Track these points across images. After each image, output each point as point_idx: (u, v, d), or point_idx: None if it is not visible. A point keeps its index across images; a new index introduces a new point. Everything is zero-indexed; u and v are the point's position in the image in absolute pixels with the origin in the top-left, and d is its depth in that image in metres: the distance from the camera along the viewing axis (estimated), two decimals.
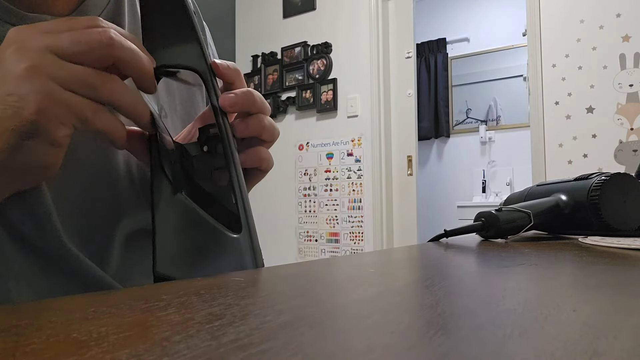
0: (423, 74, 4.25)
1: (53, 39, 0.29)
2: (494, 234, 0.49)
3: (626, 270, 0.29)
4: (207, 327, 0.16)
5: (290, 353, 0.13)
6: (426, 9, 4.26)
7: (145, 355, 0.13)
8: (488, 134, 3.98)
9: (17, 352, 0.13)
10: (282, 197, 3.07)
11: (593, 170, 0.87)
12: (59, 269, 0.39)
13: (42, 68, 0.29)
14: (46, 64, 0.29)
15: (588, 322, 0.16)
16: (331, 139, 2.90)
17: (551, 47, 2.26)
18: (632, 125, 2.08)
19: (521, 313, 0.18)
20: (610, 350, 0.13)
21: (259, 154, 0.39)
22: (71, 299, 0.21)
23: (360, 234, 2.78)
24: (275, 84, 3.14)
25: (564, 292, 0.23)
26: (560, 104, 2.24)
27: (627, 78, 2.10)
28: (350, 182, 2.82)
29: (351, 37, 2.87)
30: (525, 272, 0.29)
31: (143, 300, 0.20)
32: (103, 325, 0.16)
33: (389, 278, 0.28)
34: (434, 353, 0.13)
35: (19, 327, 0.16)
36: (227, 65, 0.38)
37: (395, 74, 2.81)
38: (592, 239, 0.47)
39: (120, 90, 0.32)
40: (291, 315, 0.17)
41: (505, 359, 0.12)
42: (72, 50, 0.30)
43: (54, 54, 0.29)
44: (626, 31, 2.11)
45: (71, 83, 0.29)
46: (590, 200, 0.49)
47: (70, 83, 0.29)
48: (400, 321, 0.17)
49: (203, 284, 0.25)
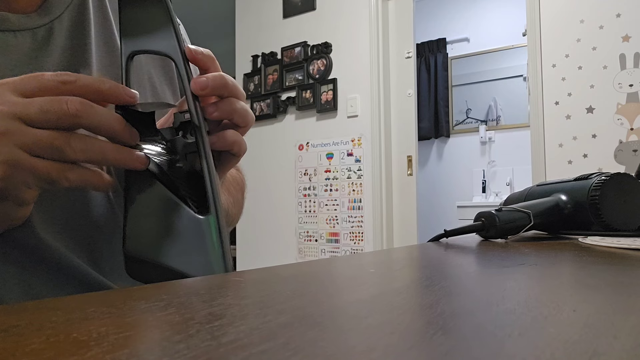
0: (423, 74, 4.25)
1: (21, 108, 0.30)
2: (494, 234, 0.49)
3: (626, 270, 0.29)
4: (207, 327, 0.16)
5: (290, 353, 0.13)
6: (426, 9, 4.26)
7: (145, 355, 0.13)
8: (488, 134, 3.98)
9: (17, 352, 0.13)
10: (282, 197, 3.07)
11: (593, 170, 0.87)
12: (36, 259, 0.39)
13: (9, 136, 0.30)
14: (13, 132, 0.30)
15: (588, 322, 0.16)
16: (331, 139, 2.90)
17: (551, 47, 2.26)
18: (632, 125, 2.08)
19: (521, 313, 0.18)
20: (610, 350, 0.13)
21: (230, 137, 0.39)
22: (71, 299, 0.21)
23: (360, 234, 2.78)
24: (275, 84, 3.14)
25: (564, 292, 0.23)
26: (560, 104, 2.24)
27: (627, 78, 2.10)
28: (350, 182, 2.82)
29: (351, 37, 2.87)
30: (525, 272, 0.29)
31: (143, 300, 0.20)
32: (103, 325, 0.16)
33: (389, 278, 0.28)
34: (434, 353, 0.13)
35: (19, 327, 0.16)
36: (201, 51, 0.38)
37: (395, 74, 2.81)
38: (592, 239, 0.47)
39: (86, 147, 0.32)
40: (291, 315, 0.17)
41: (505, 359, 0.12)
42: (40, 119, 0.31)
43: (21, 122, 0.30)
44: (626, 31, 2.11)
45: (36, 148, 0.30)
46: (590, 200, 0.49)
47: (36, 149, 0.30)
48: (400, 321, 0.17)
49: (203, 284, 0.25)
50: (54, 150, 0.31)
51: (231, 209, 0.55)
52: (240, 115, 0.40)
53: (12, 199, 0.31)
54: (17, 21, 0.42)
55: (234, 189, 0.59)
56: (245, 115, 0.40)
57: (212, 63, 0.39)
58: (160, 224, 0.35)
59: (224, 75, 0.38)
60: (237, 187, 0.60)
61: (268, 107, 3.15)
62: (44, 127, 0.31)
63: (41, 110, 0.31)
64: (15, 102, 0.30)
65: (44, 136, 0.31)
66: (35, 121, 0.30)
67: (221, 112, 0.38)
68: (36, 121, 0.30)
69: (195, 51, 0.38)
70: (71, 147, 0.32)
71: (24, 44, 0.42)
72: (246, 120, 0.41)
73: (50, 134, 0.31)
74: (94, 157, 0.33)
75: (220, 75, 0.38)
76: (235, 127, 0.40)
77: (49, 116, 0.31)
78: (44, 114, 0.31)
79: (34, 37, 0.42)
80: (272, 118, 3.14)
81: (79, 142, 0.32)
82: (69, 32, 0.45)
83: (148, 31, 0.38)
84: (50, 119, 0.31)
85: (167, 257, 0.34)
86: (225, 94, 0.39)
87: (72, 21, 0.46)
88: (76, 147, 0.32)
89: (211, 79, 0.37)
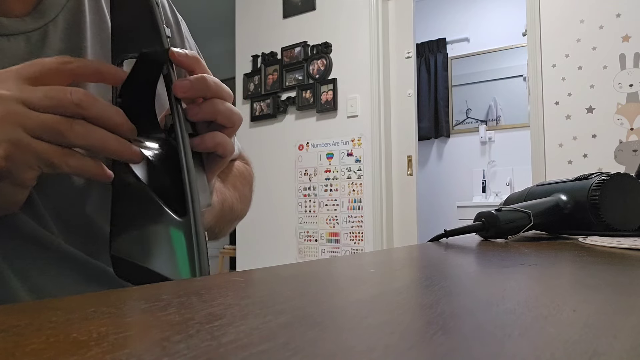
0: (423, 74, 4.25)
1: (26, 94, 0.32)
2: (494, 234, 0.49)
3: (626, 270, 0.29)
4: (207, 327, 0.16)
5: (290, 353, 0.13)
6: (426, 9, 4.26)
7: (145, 355, 0.13)
8: (488, 134, 3.98)
9: (17, 352, 0.13)
10: (282, 197, 3.07)
11: (593, 170, 0.87)
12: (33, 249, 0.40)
13: (12, 117, 0.31)
14: (16, 114, 0.31)
15: (588, 322, 0.16)
16: (331, 139, 2.90)
17: (551, 47, 2.26)
18: (632, 125, 2.08)
19: (521, 313, 0.18)
20: (610, 350, 0.13)
21: (213, 138, 0.39)
22: (71, 299, 0.21)
23: (360, 234, 2.78)
24: (275, 84, 3.14)
25: (564, 292, 0.23)
26: (560, 104, 2.24)
27: (627, 78, 2.10)
28: (350, 182, 2.82)
29: (351, 37, 2.87)
30: (525, 272, 0.29)
31: (143, 300, 0.20)
32: (103, 325, 0.16)
33: (389, 278, 0.28)
34: (434, 353, 0.13)
35: (19, 327, 0.16)
36: (185, 53, 0.38)
37: (395, 74, 2.81)
38: (592, 239, 0.47)
39: (87, 133, 0.33)
40: (291, 315, 0.17)
41: (505, 359, 0.12)
42: (43, 104, 0.32)
43: (24, 105, 0.31)
44: (626, 31, 2.11)
45: (39, 131, 0.31)
46: (590, 200, 0.49)
47: (38, 131, 0.31)
48: (400, 321, 0.17)
49: (203, 284, 0.25)
50: (56, 134, 0.32)
51: (236, 204, 0.55)
52: (225, 116, 0.40)
53: (12, 178, 0.32)
54: (11, 25, 0.42)
55: (241, 183, 0.59)
56: (229, 116, 0.40)
57: (197, 64, 0.39)
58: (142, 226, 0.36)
59: (206, 77, 0.38)
60: (244, 182, 0.60)
61: (268, 107, 3.15)
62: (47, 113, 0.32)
63: (45, 96, 0.32)
64: (21, 87, 0.32)
65: (47, 119, 0.32)
66: (38, 106, 0.32)
67: (204, 114, 0.38)
68: (39, 106, 0.32)
69: (178, 54, 0.37)
70: (73, 131, 0.32)
71: (18, 48, 0.42)
72: (232, 120, 0.40)
73: (53, 117, 0.32)
74: (95, 143, 0.34)
75: (202, 76, 0.38)
76: (221, 127, 0.40)
77: (53, 102, 0.32)
78: (48, 99, 0.32)
79: (28, 41, 0.42)
80: (272, 118, 3.14)
81: (81, 128, 0.33)
82: (64, 34, 0.45)
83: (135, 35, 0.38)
84: (54, 105, 0.32)
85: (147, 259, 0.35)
86: (209, 95, 0.39)
87: (67, 23, 0.45)
88: (78, 132, 0.33)
89: (193, 82, 0.37)
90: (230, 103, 0.41)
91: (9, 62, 0.41)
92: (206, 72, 0.39)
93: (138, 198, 0.36)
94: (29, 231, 0.40)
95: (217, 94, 0.39)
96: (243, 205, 0.58)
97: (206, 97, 0.39)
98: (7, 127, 0.30)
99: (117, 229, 0.36)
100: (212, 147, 0.39)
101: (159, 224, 0.35)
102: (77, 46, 0.46)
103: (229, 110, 0.40)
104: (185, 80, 0.37)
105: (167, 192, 0.37)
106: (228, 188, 0.55)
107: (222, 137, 0.40)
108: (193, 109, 0.38)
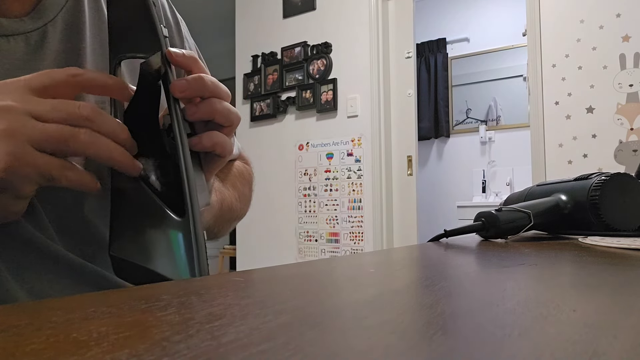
0: (423, 74, 4.25)
1: (34, 106, 0.32)
2: (494, 234, 0.49)
3: (626, 270, 0.29)
4: (207, 327, 0.16)
5: (290, 353, 0.13)
6: (426, 9, 4.25)
7: (145, 355, 0.13)
8: (488, 134, 3.98)
9: (17, 352, 0.13)
10: (282, 197, 3.07)
11: (593, 170, 0.87)
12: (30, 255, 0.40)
13: (19, 129, 0.31)
14: (23, 126, 0.31)
15: (588, 322, 0.16)
16: (331, 139, 2.90)
17: (551, 47, 2.26)
18: (632, 125, 2.08)
19: (521, 313, 0.18)
20: (610, 350, 0.13)
21: (211, 137, 0.39)
22: (71, 299, 0.21)
23: (360, 234, 2.78)
24: (275, 84, 3.14)
25: (564, 292, 0.23)
26: (560, 104, 2.24)
27: (627, 78, 2.10)
28: (350, 182, 2.82)
29: (351, 37, 2.87)
30: (525, 272, 0.29)
31: (143, 300, 0.20)
32: (103, 325, 0.16)
33: (389, 278, 0.28)
34: (434, 353, 0.13)
35: (19, 327, 0.16)
36: (182, 53, 0.38)
37: (395, 74, 2.81)
38: (592, 239, 0.47)
39: (94, 142, 0.33)
40: (291, 315, 0.17)
41: (505, 359, 0.12)
42: (51, 117, 0.32)
43: (32, 117, 0.31)
44: (626, 31, 2.11)
45: (44, 142, 0.32)
46: (590, 200, 0.49)
47: (43, 143, 0.32)
48: (400, 321, 0.17)
49: (203, 284, 0.25)
50: (61, 143, 0.32)
51: (235, 203, 0.55)
52: (222, 115, 0.40)
53: (11, 191, 0.32)
54: (10, 26, 0.41)
55: (240, 183, 0.59)
56: (227, 115, 0.40)
57: (195, 64, 0.39)
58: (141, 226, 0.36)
59: (204, 76, 0.38)
60: (244, 181, 0.60)
61: (268, 107, 3.15)
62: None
63: (53, 108, 0.32)
64: (29, 99, 0.32)
65: (52, 129, 0.32)
66: (46, 119, 0.32)
67: (202, 113, 0.38)
68: (47, 119, 0.32)
69: (175, 54, 0.37)
70: (79, 139, 0.33)
71: (17, 49, 0.41)
72: (230, 119, 0.40)
73: (59, 126, 0.32)
74: (101, 153, 0.34)
75: (200, 76, 0.38)
76: (219, 127, 0.40)
77: (61, 115, 0.32)
78: (57, 112, 0.32)
79: (27, 42, 0.42)
80: (272, 118, 3.14)
81: (88, 136, 0.33)
82: (63, 35, 0.45)
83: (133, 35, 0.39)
84: (62, 118, 0.32)
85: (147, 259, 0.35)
86: (206, 95, 0.39)
87: (66, 24, 0.45)
88: (85, 140, 0.33)
89: (190, 82, 0.37)
90: (228, 102, 0.41)
91: (8, 62, 0.41)
92: (204, 72, 0.39)
93: (137, 198, 0.37)
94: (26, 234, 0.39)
95: (215, 93, 0.39)
96: (242, 205, 0.58)
97: (204, 96, 0.39)
98: (13, 139, 0.30)
99: (116, 229, 0.37)
100: (210, 146, 0.39)
101: (158, 224, 0.35)
102: (76, 47, 0.45)
103: (226, 109, 0.40)
104: (182, 80, 0.37)
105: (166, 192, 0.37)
106: (227, 188, 0.55)
107: (220, 136, 0.40)
108: (191, 108, 0.38)
